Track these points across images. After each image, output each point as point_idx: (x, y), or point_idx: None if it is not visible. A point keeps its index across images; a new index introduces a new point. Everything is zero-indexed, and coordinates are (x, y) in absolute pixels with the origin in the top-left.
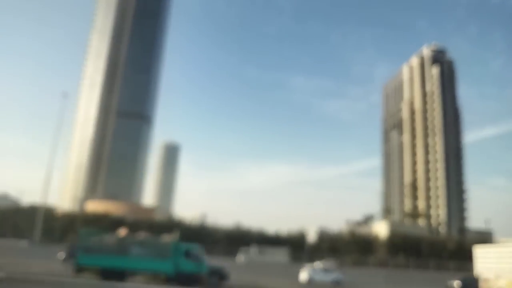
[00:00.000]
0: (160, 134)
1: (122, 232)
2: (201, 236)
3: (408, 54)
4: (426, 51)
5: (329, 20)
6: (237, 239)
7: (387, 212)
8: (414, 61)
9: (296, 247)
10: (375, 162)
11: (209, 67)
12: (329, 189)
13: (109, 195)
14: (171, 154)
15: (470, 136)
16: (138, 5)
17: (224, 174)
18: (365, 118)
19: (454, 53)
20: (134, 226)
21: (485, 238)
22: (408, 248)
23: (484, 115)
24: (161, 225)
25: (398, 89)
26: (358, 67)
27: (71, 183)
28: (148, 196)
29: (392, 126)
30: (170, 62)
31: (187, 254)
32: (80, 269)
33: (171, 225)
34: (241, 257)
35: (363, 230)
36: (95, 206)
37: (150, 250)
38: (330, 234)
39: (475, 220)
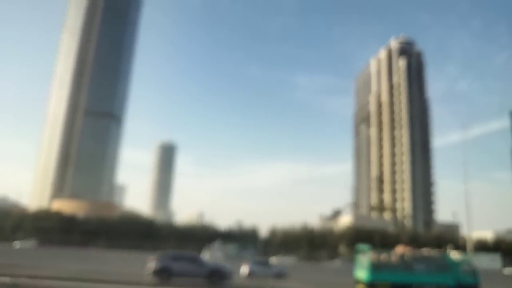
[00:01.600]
0: (160, 134)
1: (400, 249)
2: (151, 232)
3: None
4: (394, 43)
5: (331, 18)
6: (188, 235)
7: (354, 206)
8: (382, 53)
9: (249, 242)
10: None
11: (212, 66)
12: (333, 186)
13: (76, 194)
14: (168, 153)
15: (474, 131)
16: (107, 5)
17: (227, 173)
18: None
19: (457, 48)
20: (85, 223)
21: (451, 231)
22: (363, 241)
23: (488, 109)
24: (111, 221)
25: (367, 82)
26: (361, 64)
27: (40, 182)
28: (145, 195)
29: (361, 119)
30: (171, 62)
31: (464, 267)
32: (372, 285)
33: (123, 221)
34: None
35: (332, 224)
36: (60, 205)
37: (432, 265)
38: (282, 229)
39: (480, 213)
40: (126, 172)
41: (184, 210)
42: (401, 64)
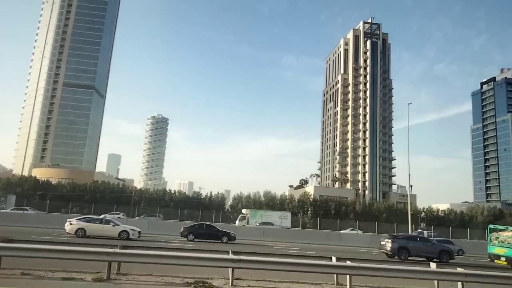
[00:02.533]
0: (154, 108)
1: None
2: (121, 197)
3: (392, 33)
4: (361, 25)
5: (318, 1)
6: (156, 200)
7: (317, 177)
8: (350, 34)
9: (217, 207)
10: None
11: (204, 45)
12: (314, 160)
13: (56, 162)
14: (161, 126)
15: (451, 111)
16: None
17: (218, 146)
18: None
19: (436, 32)
20: (58, 188)
21: (405, 202)
22: (319, 208)
23: (464, 91)
24: (83, 187)
25: (336, 61)
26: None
27: (21, 151)
28: (140, 165)
29: (330, 97)
30: (165, 40)
31: None
32: None
33: (95, 186)
34: None
35: (297, 193)
36: (39, 172)
37: None
38: (246, 197)
39: (448, 187)
40: (122, 142)
41: (176, 180)
42: (367, 45)
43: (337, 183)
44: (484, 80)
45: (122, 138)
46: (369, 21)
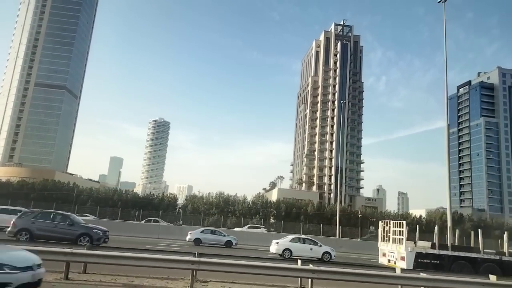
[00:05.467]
0: (159, 112)
1: None
2: (70, 196)
3: (403, 40)
4: (333, 27)
5: (328, 7)
6: (104, 199)
7: (282, 179)
8: (322, 36)
9: (167, 208)
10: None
11: (213, 51)
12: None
13: (25, 162)
14: (163, 130)
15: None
16: None
17: (222, 150)
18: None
19: (448, 40)
20: (3, 185)
21: (372, 206)
22: (269, 211)
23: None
24: (28, 184)
25: (309, 63)
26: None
27: None
28: (141, 168)
29: (302, 100)
30: (176, 49)
31: None
32: None
33: (45, 185)
34: None
35: (267, 195)
36: (4, 171)
37: None
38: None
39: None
40: (127, 146)
41: (176, 184)
42: (338, 47)
43: (303, 185)
44: (460, 84)
45: (128, 141)
46: (341, 23)
